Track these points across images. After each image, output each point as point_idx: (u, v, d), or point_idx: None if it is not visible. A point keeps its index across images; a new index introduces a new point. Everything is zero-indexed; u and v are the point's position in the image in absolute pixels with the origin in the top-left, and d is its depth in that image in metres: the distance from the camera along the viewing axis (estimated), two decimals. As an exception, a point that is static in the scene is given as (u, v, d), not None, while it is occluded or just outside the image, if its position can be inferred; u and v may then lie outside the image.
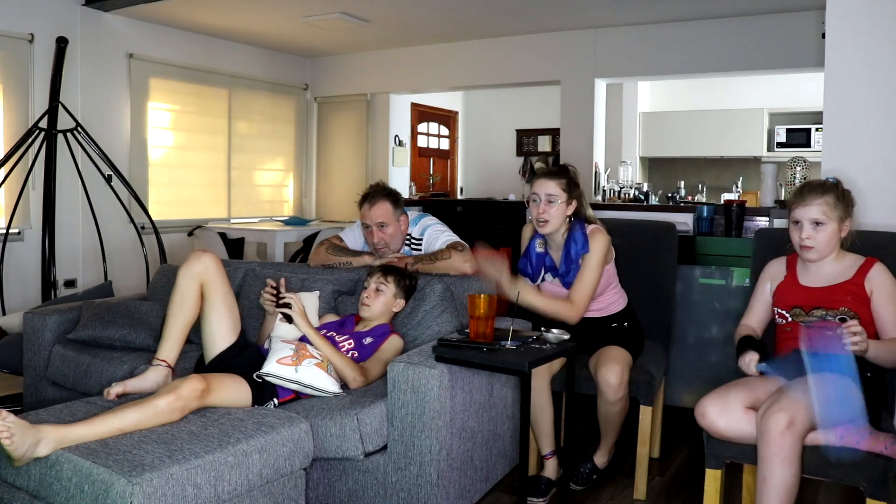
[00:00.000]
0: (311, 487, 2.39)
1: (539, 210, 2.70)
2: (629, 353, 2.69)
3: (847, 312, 2.17)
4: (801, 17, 5.47)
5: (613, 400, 2.59)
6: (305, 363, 2.38)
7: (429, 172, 8.60)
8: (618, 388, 2.56)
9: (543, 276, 2.80)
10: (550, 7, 5.65)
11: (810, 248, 2.22)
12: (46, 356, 3.18)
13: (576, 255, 2.69)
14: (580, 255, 2.68)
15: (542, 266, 2.80)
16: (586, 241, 2.68)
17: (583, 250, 2.68)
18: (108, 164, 4.88)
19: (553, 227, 2.70)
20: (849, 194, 2.26)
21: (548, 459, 2.73)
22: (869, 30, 2.79)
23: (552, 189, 2.69)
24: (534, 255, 2.82)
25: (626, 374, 2.60)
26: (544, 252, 2.80)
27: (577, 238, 2.70)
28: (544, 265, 2.79)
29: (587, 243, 2.68)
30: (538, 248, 2.82)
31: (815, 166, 4.80)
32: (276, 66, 7.45)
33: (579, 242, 2.69)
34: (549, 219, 2.68)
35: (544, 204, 2.69)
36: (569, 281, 2.70)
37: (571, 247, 2.70)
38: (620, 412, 2.67)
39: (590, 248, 2.67)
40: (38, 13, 5.32)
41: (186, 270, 2.47)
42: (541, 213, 2.69)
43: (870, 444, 1.97)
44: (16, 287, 5.06)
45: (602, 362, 2.60)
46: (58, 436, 1.87)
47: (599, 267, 2.68)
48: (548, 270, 2.78)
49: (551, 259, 2.78)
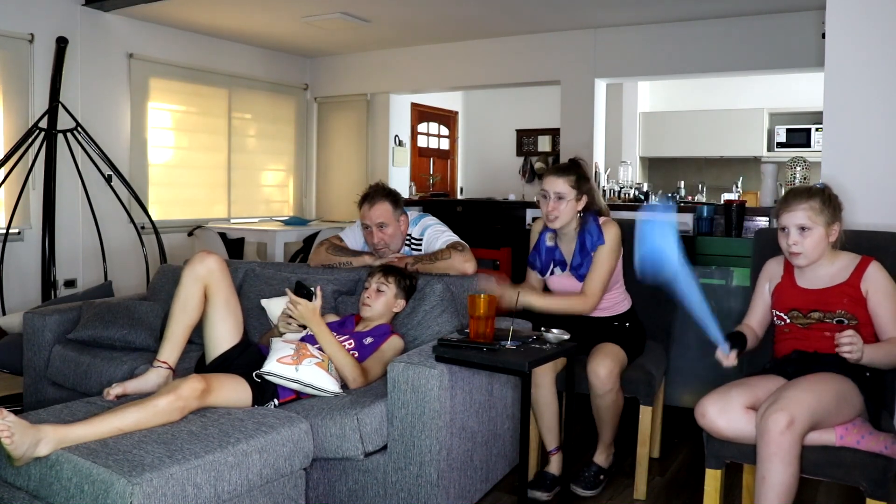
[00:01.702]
0: (311, 487, 2.39)
1: (549, 207, 2.71)
2: (623, 351, 2.69)
3: (844, 315, 2.17)
4: (801, 17, 5.47)
5: (601, 392, 2.58)
6: (306, 363, 2.38)
7: (429, 172, 8.60)
8: (605, 381, 2.56)
9: (552, 270, 2.81)
10: (550, 7, 5.65)
11: (798, 253, 2.22)
12: (46, 356, 3.18)
13: (591, 247, 2.70)
14: (595, 246, 2.69)
15: (551, 260, 2.81)
16: (601, 232, 2.70)
17: (599, 242, 2.69)
18: (108, 164, 4.88)
19: (563, 222, 2.72)
20: (836, 198, 2.26)
21: (553, 455, 2.75)
22: (869, 30, 2.79)
23: (561, 187, 2.70)
24: (543, 249, 2.83)
25: (616, 368, 2.59)
26: (554, 246, 2.81)
27: (591, 230, 2.71)
28: (553, 259, 2.80)
29: (602, 235, 2.69)
30: (548, 241, 2.83)
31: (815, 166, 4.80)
32: (276, 66, 7.45)
33: (594, 234, 2.70)
34: (559, 216, 2.70)
35: (554, 201, 2.70)
36: (582, 273, 2.72)
37: (587, 239, 2.71)
38: (610, 406, 2.65)
39: (604, 240, 2.69)
40: (38, 13, 5.32)
41: (190, 272, 2.45)
42: (551, 211, 2.71)
43: (870, 443, 1.98)
44: (16, 287, 5.06)
45: (593, 356, 2.61)
46: (58, 436, 1.87)
47: (614, 258, 2.70)
48: (557, 264, 2.79)
49: (561, 253, 2.80)
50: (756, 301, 2.43)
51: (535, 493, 2.66)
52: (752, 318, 2.42)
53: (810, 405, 1.93)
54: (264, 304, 2.89)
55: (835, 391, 2.02)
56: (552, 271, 2.82)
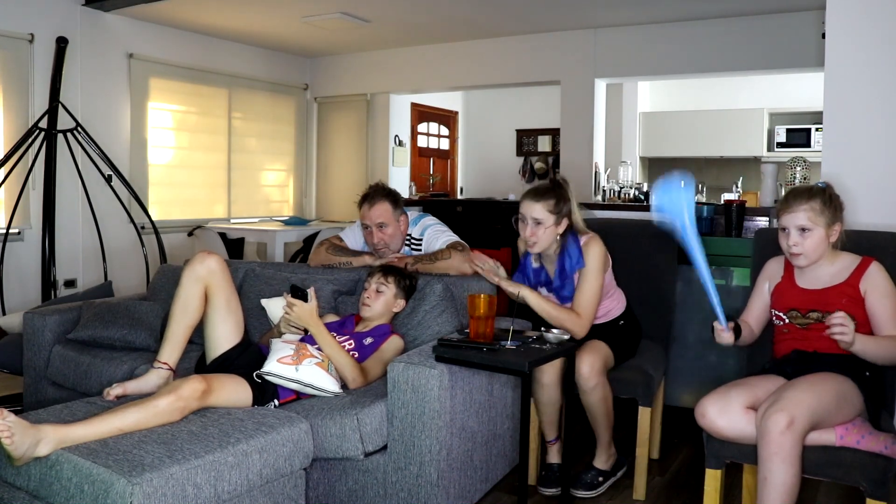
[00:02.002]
0: (311, 487, 2.39)
1: (527, 233, 2.64)
2: (608, 347, 2.67)
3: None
4: (801, 17, 5.47)
5: (587, 388, 2.57)
6: (306, 363, 2.38)
7: (429, 172, 8.60)
8: (589, 377, 2.54)
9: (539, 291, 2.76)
10: (550, 7, 5.65)
11: (798, 254, 2.22)
12: (46, 356, 3.18)
13: (570, 270, 2.64)
14: (575, 269, 2.64)
15: (538, 281, 2.75)
16: (580, 254, 2.64)
17: (577, 265, 2.63)
18: (108, 164, 4.88)
19: (542, 247, 2.66)
20: (837, 199, 2.24)
21: (552, 445, 2.79)
22: (869, 30, 2.79)
23: (538, 213, 2.61)
24: (530, 270, 2.77)
25: (599, 363, 2.57)
26: (540, 267, 2.76)
27: (571, 253, 2.64)
28: (540, 280, 2.75)
29: (581, 257, 2.64)
30: (534, 263, 2.77)
31: (815, 166, 4.80)
32: (276, 66, 7.46)
33: (574, 257, 2.64)
34: (537, 241, 2.63)
35: (532, 227, 2.63)
36: (564, 295, 2.67)
37: (566, 261, 2.65)
38: (598, 403, 2.62)
39: (586, 262, 2.63)
40: (38, 13, 5.32)
41: (190, 273, 2.44)
42: (529, 237, 2.64)
43: (870, 443, 1.98)
44: (16, 287, 5.06)
45: (577, 354, 2.58)
46: (58, 436, 1.87)
47: (599, 277, 2.64)
48: (543, 285, 2.74)
49: (547, 274, 2.74)
50: (754, 299, 2.42)
51: (544, 490, 2.72)
52: (749, 315, 2.41)
53: (810, 405, 1.93)
54: (264, 303, 2.89)
55: (835, 391, 2.02)
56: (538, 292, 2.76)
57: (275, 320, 2.81)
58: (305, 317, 2.48)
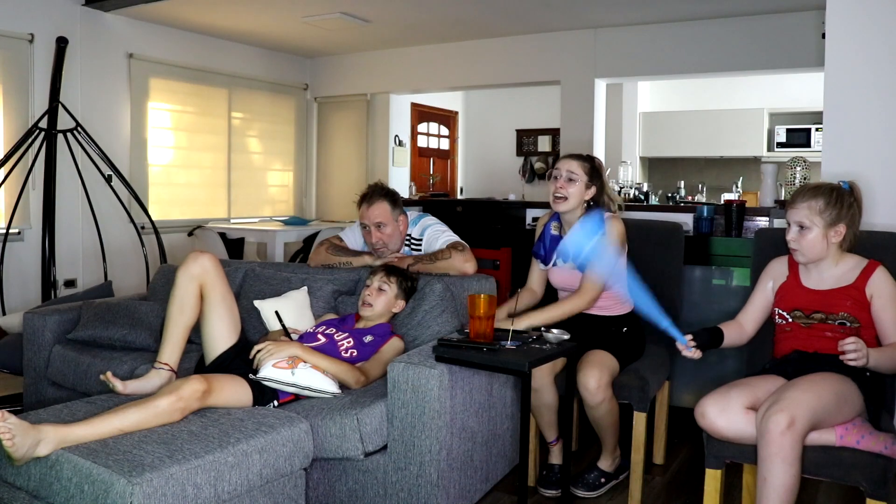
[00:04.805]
0: (311, 487, 2.39)
1: (559, 185, 2.69)
2: (614, 358, 2.63)
3: (847, 317, 2.17)
4: (801, 17, 5.47)
5: (593, 404, 2.55)
6: (302, 365, 2.38)
7: (429, 172, 8.60)
8: (595, 392, 2.52)
9: (555, 261, 2.80)
10: (550, 7, 5.65)
11: (795, 250, 2.23)
12: (46, 356, 3.18)
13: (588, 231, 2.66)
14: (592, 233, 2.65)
15: (555, 249, 2.78)
16: (602, 222, 2.66)
17: (598, 229, 2.64)
18: (108, 164, 4.88)
19: (569, 206, 2.69)
20: (847, 199, 2.21)
21: (553, 446, 2.78)
22: (869, 30, 2.79)
23: (574, 167, 2.69)
24: (548, 238, 2.81)
25: (606, 377, 2.54)
26: (559, 235, 2.79)
27: (593, 216, 2.68)
28: (558, 249, 2.78)
29: (603, 224, 2.66)
30: (553, 230, 2.81)
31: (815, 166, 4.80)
32: (276, 66, 7.45)
33: (595, 221, 2.66)
34: (566, 196, 2.68)
35: (564, 181, 2.69)
36: (581, 263, 2.69)
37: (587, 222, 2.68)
38: (606, 415, 2.61)
39: (607, 232, 2.66)
40: (38, 13, 5.32)
41: (185, 272, 2.45)
42: (559, 188, 2.68)
43: (870, 443, 1.98)
44: (16, 287, 5.06)
45: (582, 366, 2.56)
46: (58, 436, 1.87)
47: (612, 250, 2.65)
48: (560, 255, 2.77)
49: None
50: (755, 298, 2.41)
51: (544, 491, 2.71)
52: (745, 315, 2.40)
53: (811, 405, 1.93)
54: (257, 304, 2.89)
55: (835, 391, 2.01)
56: (555, 262, 2.80)
57: (268, 322, 2.80)
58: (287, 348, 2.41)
